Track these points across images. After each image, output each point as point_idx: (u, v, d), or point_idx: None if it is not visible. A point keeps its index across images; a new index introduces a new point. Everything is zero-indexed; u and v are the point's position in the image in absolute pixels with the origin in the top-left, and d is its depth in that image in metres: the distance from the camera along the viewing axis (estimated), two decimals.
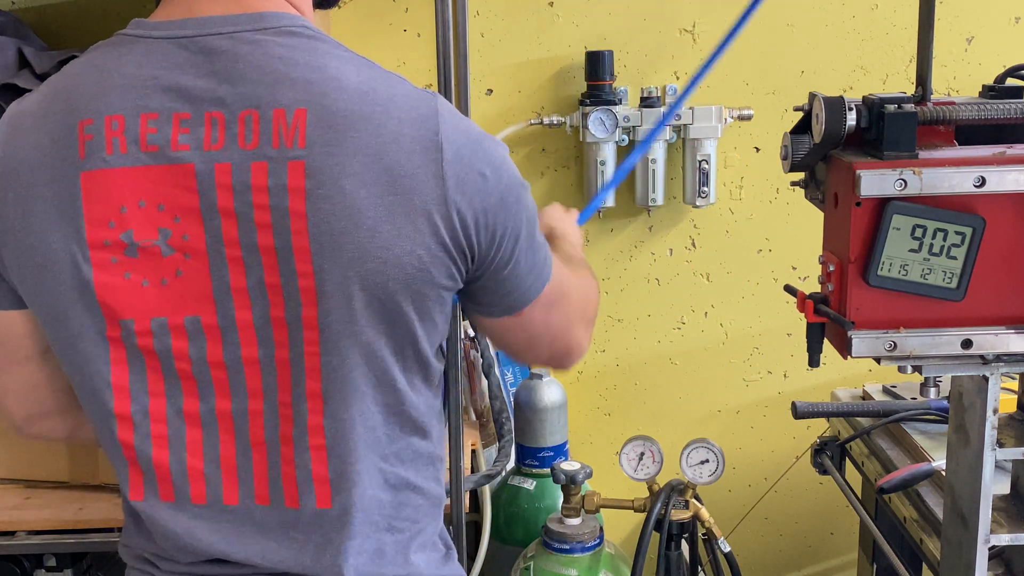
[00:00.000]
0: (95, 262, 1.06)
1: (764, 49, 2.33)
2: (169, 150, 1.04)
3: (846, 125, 1.21)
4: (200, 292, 1.07)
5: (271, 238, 1.03)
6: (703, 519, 1.99)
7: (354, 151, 1.01)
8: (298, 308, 1.05)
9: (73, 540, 1.85)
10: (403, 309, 1.06)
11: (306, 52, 1.05)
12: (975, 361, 1.25)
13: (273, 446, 1.10)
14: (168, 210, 1.05)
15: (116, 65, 1.07)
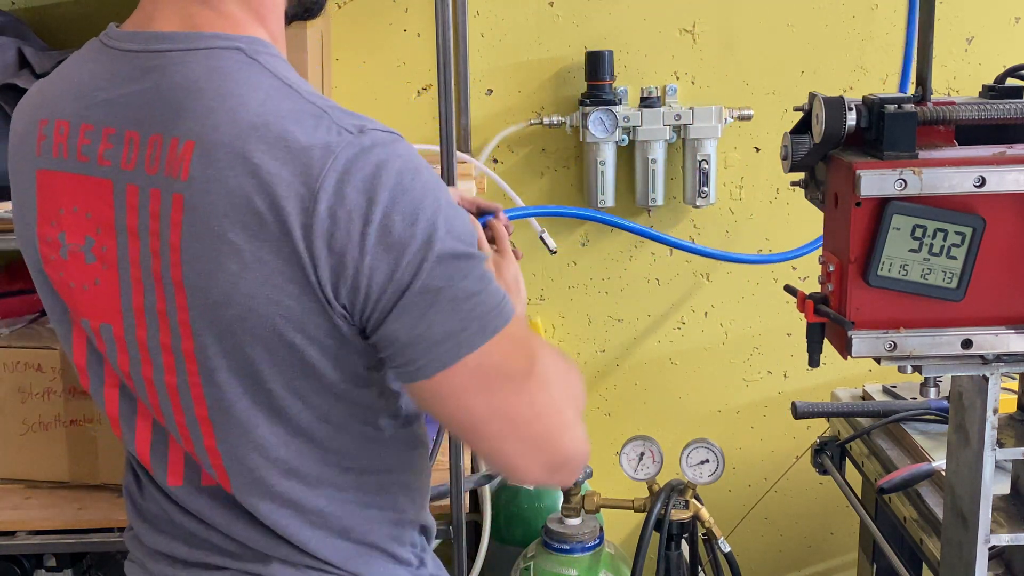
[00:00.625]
0: (43, 256, 1.12)
1: (764, 49, 2.33)
2: (96, 164, 1.05)
3: (846, 125, 1.21)
4: (112, 304, 1.07)
5: (159, 267, 1.02)
6: (703, 519, 1.99)
7: (228, 191, 0.96)
8: (179, 339, 1.04)
9: (73, 540, 1.85)
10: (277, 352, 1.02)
11: (221, 78, 1.00)
12: (975, 361, 1.25)
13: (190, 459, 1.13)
14: (93, 219, 1.06)
15: (77, 71, 1.09)
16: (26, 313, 2.14)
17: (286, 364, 1.03)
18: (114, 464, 1.89)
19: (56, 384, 1.86)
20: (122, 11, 2.22)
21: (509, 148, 2.36)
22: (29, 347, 1.89)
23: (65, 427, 1.88)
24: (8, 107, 1.79)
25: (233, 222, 0.97)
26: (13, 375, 1.87)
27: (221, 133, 0.97)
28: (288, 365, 1.03)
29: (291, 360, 1.02)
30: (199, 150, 0.98)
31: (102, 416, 1.78)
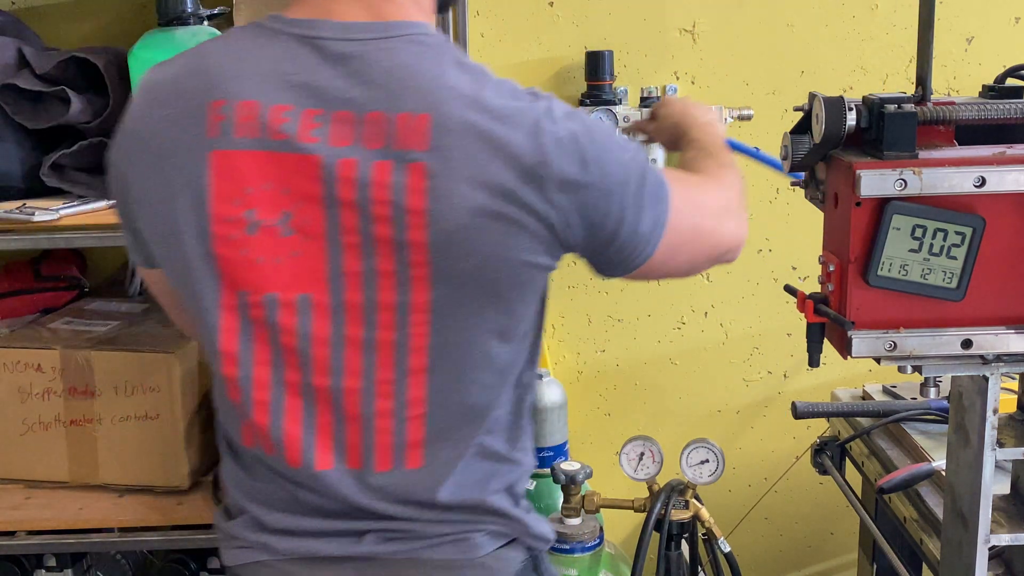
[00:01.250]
0: (218, 235, 1.14)
1: (764, 49, 2.33)
2: (297, 141, 1.11)
3: (846, 125, 1.21)
4: (314, 273, 1.14)
5: (388, 230, 1.11)
6: (703, 519, 1.99)
7: (467, 156, 1.09)
8: (407, 294, 1.13)
9: (73, 540, 1.84)
10: (502, 298, 1.15)
11: (430, 61, 1.13)
12: (975, 361, 1.25)
13: (368, 420, 1.18)
14: (291, 195, 1.12)
15: (254, 55, 1.15)
16: (26, 313, 2.14)
17: (504, 310, 1.17)
18: (114, 464, 1.89)
19: (56, 384, 1.86)
20: (122, 11, 2.22)
21: None
22: (29, 347, 1.88)
23: (65, 427, 1.88)
24: (8, 107, 1.78)
25: (475, 184, 1.09)
26: (13, 375, 1.87)
27: (450, 107, 1.10)
28: (505, 311, 1.17)
29: (508, 305, 1.17)
30: (435, 122, 1.09)
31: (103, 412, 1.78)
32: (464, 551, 1.25)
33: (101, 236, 1.75)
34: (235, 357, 1.18)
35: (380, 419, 1.18)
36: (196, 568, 2.02)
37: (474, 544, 1.25)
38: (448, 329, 1.15)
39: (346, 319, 1.15)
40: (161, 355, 1.84)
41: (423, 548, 1.24)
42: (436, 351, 1.16)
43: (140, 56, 1.72)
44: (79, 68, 1.80)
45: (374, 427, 1.19)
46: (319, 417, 1.19)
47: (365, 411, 1.18)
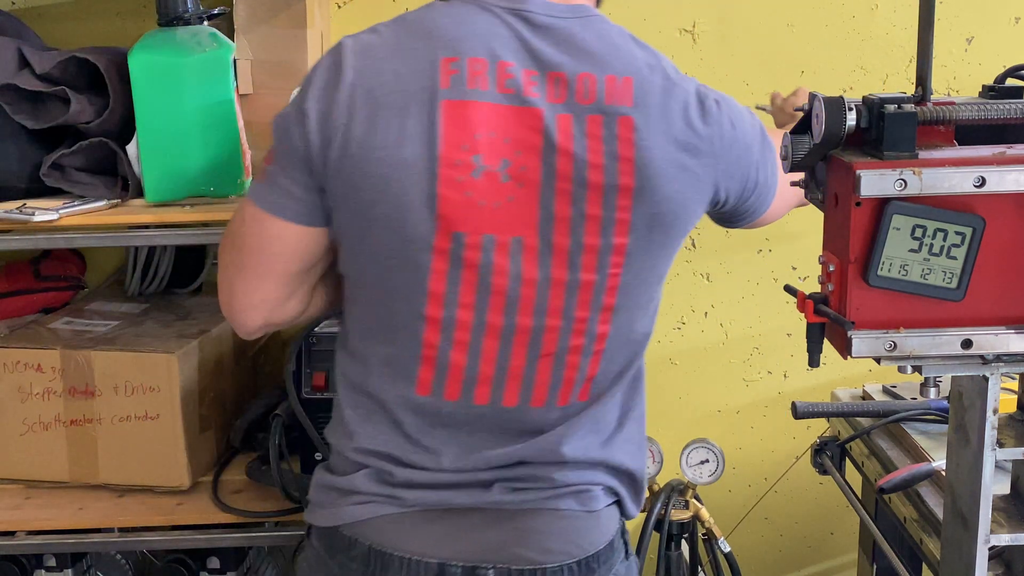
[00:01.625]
0: (443, 178, 1.25)
1: (764, 49, 2.33)
2: (522, 94, 1.26)
3: (846, 125, 1.21)
4: (526, 217, 1.27)
5: (600, 177, 1.26)
6: (703, 519, 1.99)
7: (661, 114, 1.28)
8: (611, 237, 1.28)
9: (73, 540, 1.85)
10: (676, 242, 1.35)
11: (616, 35, 1.32)
12: (975, 361, 1.25)
13: (560, 356, 1.31)
14: (512, 143, 1.26)
15: (471, 21, 1.29)
16: (26, 313, 2.15)
17: (669, 254, 1.36)
18: (114, 464, 1.89)
19: (56, 384, 1.86)
20: (121, 10, 2.22)
21: None
22: (29, 347, 1.89)
23: (65, 427, 1.88)
24: (8, 107, 1.78)
25: (669, 137, 1.28)
26: (13, 375, 1.87)
27: (644, 72, 1.29)
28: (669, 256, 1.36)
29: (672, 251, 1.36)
30: (637, 83, 1.28)
31: (103, 412, 1.79)
32: (584, 503, 1.36)
33: (101, 236, 1.75)
34: (441, 298, 1.28)
35: (571, 355, 1.32)
36: (196, 568, 2.02)
37: (593, 497, 1.36)
38: (634, 270, 1.31)
39: (552, 261, 1.28)
40: (161, 355, 1.84)
41: (547, 499, 1.34)
42: (623, 291, 1.32)
43: (140, 56, 1.73)
44: (79, 68, 1.80)
45: (564, 363, 1.32)
46: (513, 358, 1.30)
47: (560, 348, 1.31)
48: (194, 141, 1.74)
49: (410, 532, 1.32)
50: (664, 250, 1.34)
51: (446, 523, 1.33)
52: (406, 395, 1.32)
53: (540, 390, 1.32)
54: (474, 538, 1.33)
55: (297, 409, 1.78)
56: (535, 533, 1.34)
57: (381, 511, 1.32)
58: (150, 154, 1.75)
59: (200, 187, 1.77)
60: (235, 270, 1.37)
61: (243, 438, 2.00)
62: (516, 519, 1.34)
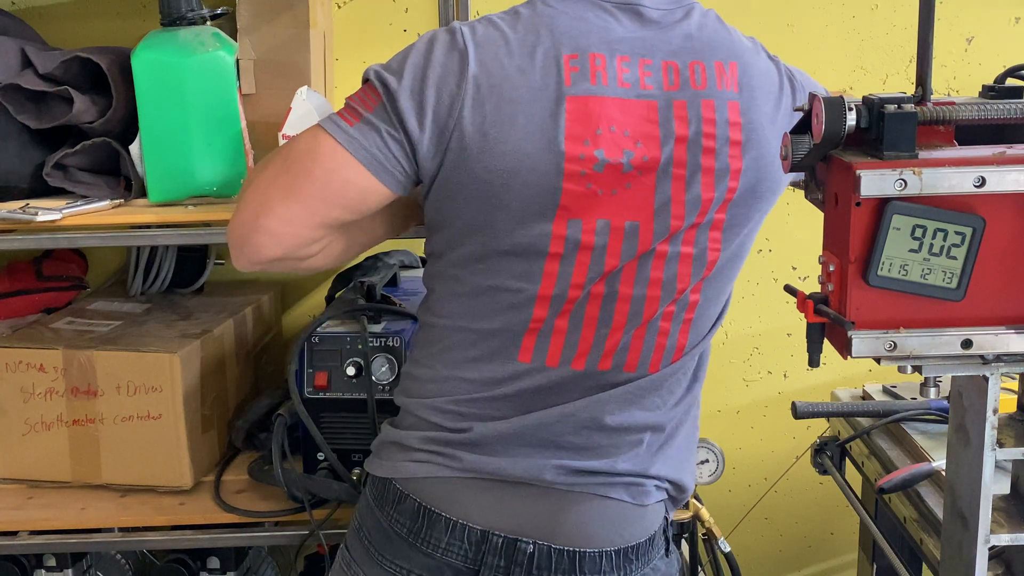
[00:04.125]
0: (567, 172, 1.30)
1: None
2: (639, 87, 1.32)
3: (846, 125, 1.21)
4: (644, 203, 1.33)
5: (712, 160, 1.33)
6: (703, 519, 1.99)
7: (762, 96, 1.36)
8: (712, 215, 1.35)
9: (74, 540, 1.85)
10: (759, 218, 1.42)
11: (717, 24, 1.39)
12: (975, 361, 1.25)
13: (653, 324, 1.38)
14: (632, 136, 1.32)
15: (586, 17, 1.34)
16: (28, 313, 2.15)
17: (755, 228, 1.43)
18: (116, 464, 1.89)
19: (58, 384, 1.87)
20: (123, 10, 2.23)
21: None
22: (31, 347, 1.89)
23: (67, 427, 1.88)
24: (11, 107, 1.79)
25: (770, 120, 1.36)
26: (15, 375, 1.87)
27: (744, 58, 1.37)
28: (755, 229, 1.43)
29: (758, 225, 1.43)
30: (741, 69, 1.36)
31: (105, 411, 1.80)
32: (635, 496, 1.40)
33: (103, 236, 1.76)
34: (554, 278, 1.34)
35: (664, 321, 1.38)
36: (196, 568, 2.02)
37: (645, 492, 1.40)
38: (730, 244, 1.39)
39: (659, 241, 1.35)
40: (163, 355, 1.84)
41: (599, 485, 1.38)
42: (719, 263, 1.39)
43: (143, 56, 1.73)
44: (82, 68, 1.80)
45: (658, 329, 1.38)
46: (613, 324, 1.36)
47: (656, 315, 1.37)
48: (197, 141, 1.74)
49: (460, 496, 1.36)
50: (755, 224, 1.42)
51: (496, 492, 1.36)
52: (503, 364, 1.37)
53: (632, 356, 1.38)
54: (520, 511, 1.36)
55: (299, 409, 1.78)
56: (581, 516, 1.37)
57: (435, 471, 1.36)
58: (153, 154, 1.75)
59: (203, 187, 1.77)
60: (280, 193, 1.31)
61: (245, 438, 2.00)
62: (565, 500, 1.37)
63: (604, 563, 1.37)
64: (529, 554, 1.35)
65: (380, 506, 1.40)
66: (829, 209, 1.29)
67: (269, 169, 1.34)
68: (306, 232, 1.33)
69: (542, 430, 1.38)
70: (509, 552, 1.35)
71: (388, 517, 1.38)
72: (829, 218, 1.29)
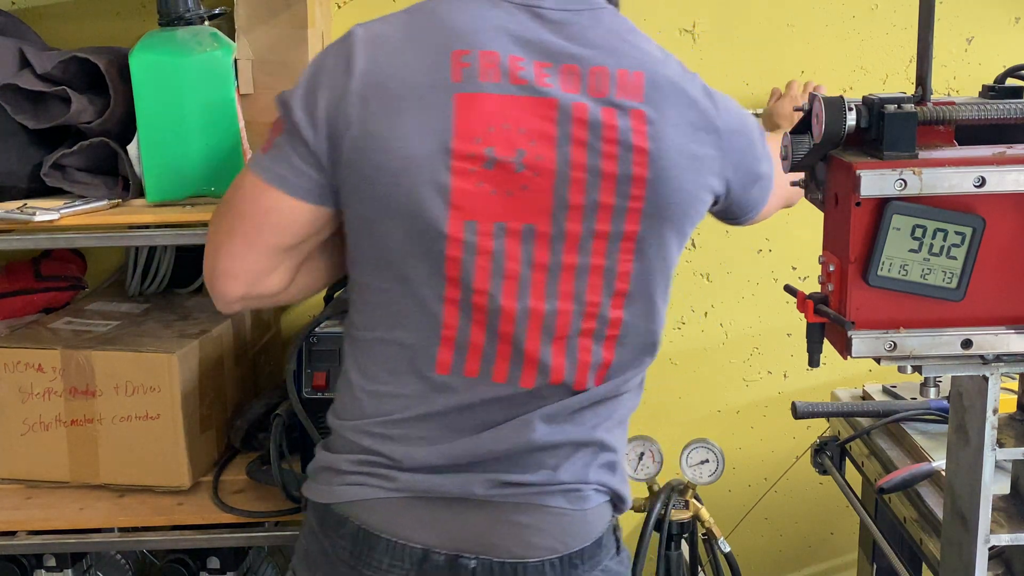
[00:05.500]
0: (456, 170, 1.27)
1: (764, 49, 2.33)
2: (536, 85, 1.28)
3: (846, 125, 1.21)
4: (541, 205, 1.29)
5: (614, 167, 1.29)
6: (703, 519, 1.99)
7: (671, 106, 1.32)
8: (622, 224, 1.31)
9: (73, 540, 1.85)
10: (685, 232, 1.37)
11: (627, 30, 1.35)
12: (975, 361, 1.25)
13: (572, 339, 1.33)
14: (527, 134, 1.28)
15: (483, 15, 1.30)
16: (27, 313, 2.15)
17: (680, 245, 1.37)
18: (115, 464, 1.89)
19: (57, 384, 1.87)
20: (122, 10, 2.22)
21: None
22: (30, 347, 1.89)
23: (66, 427, 1.88)
24: (9, 107, 1.78)
25: (681, 130, 1.32)
26: (14, 375, 1.87)
27: (657, 66, 1.33)
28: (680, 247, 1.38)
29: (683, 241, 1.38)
30: (648, 78, 1.31)
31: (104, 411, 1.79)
32: (573, 502, 1.36)
33: (101, 236, 1.75)
34: (458, 283, 1.30)
35: (583, 338, 1.34)
36: (196, 568, 2.02)
37: (583, 496, 1.37)
38: (647, 258, 1.34)
39: (564, 247, 1.31)
40: (162, 355, 1.84)
41: (534, 494, 1.35)
42: (636, 278, 1.34)
43: (141, 56, 1.73)
44: (80, 68, 1.80)
45: (577, 346, 1.34)
46: (528, 340, 1.32)
47: (572, 331, 1.33)
48: (195, 141, 1.74)
49: (398, 516, 1.34)
50: (675, 240, 1.37)
51: (433, 510, 1.34)
52: (422, 376, 1.33)
53: (556, 373, 1.34)
54: (459, 527, 1.34)
55: (298, 409, 1.78)
56: (519, 527, 1.34)
57: (371, 493, 1.34)
58: (151, 154, 1.75)
59: (201, 187, 1.77)
60: (224, 236, 1.36)
61: (243, 438, 2.00)
62: (502, 512, 1.34)
63: (548, 571, 1.35)
64: (471, 569, 1.33)
65: (323, 532, 1.37)
66: (829, 209, 1.28)
67: (215, 215, 1.40)
68: (256, 265, 1.35)
69: (472, 453, 1.34)
70: (452, 569, 1.33)
71: (332, 543, 1.36)
72: (829, 218, 1.29)
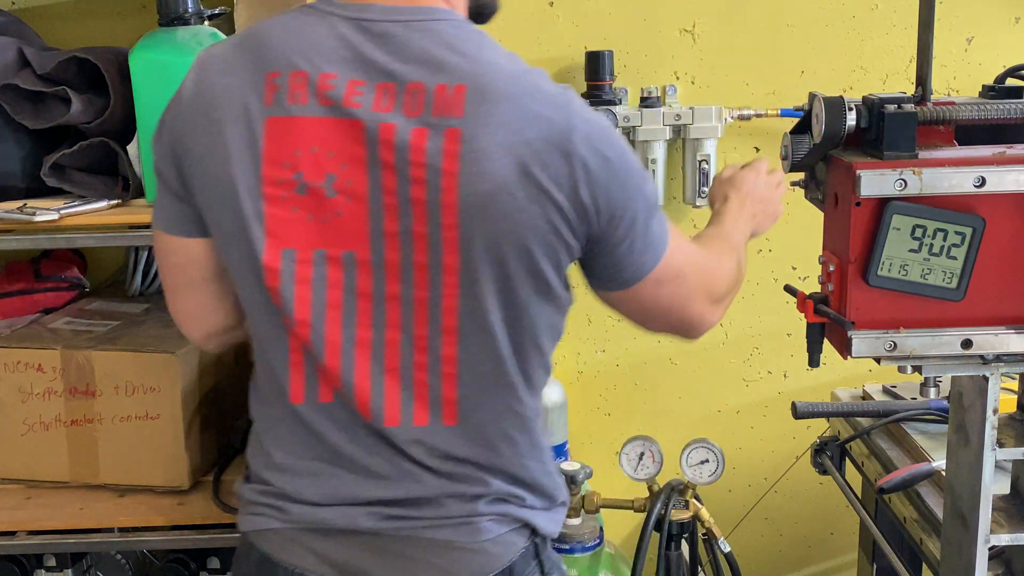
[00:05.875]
0: (267, 197, 1.22)
1: (764, 49, 2.33)
2: (343, 105, 1.20)
3: (846, 125, 1.21)
4: (357, 231, 1.22)
5: (423, 192, 1.18)
6: (703, 519, 1.99)
7: (500, 123, 1.17)
8: (439, 255, 1.20)
9: (73, 540, 1.84)
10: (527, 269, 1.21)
11: (467, 40, 1.22)
12: (975, 361, 1.25)
13: (406, 371, 1.25)
14: (337, 157, 1.21)
15: (305, 31, 1.24)
16: (27, 313, 2.14)
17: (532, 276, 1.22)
18: (115, 464, 1.89)
19: (57, 384, 1.86)
20: (121, 10, 2.22)
21: None
22: (30, 347, 1.88)
23: (66, 427, 1.88)
24: (8, 107, 1.78)
25: (506, 150, 1.16)
26: (13, 375, 1.87)
27: (487, 79, 1.18)
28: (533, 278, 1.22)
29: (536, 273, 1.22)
30: (471, 93, 1.17)
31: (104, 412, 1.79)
32: (464, 535, 1.29)
33: (101, 236, 1.75)
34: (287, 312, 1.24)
35: (417, 372, 1.25)
36: (196, 568, 2.02)
37: (477, 529, 1.29)
38: (476, 295, 1.21)
39: (386, 276, 1.23)
40: (162, 355, 1.84)
41: (423, 528, 1.28)
42: (466, 315, 1.22)
43: (141, 56, 1.72)
44: (80, 68, 1.80)
45: (412, 380, 1.25)
46: (357, 374, 1.25)
47: (404, 363, 1.25)
48: None
49: (293, 546, 1.31)
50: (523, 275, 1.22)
51: (328, 541, 1.30)
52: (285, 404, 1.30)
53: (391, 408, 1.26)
54: (350, 559, 1.30)
55: None
56: (408, 561, 1.29)
57: (269, 524, 1.32)
58: (151, 154, 1.74)
59: None
60: (164, 288, 1.40)
61: (243, 438, 2.00)
62: (390, 544, 1.29)
63: None
64: None
65: (238, 559, 1.37)
66: (829, 209, 1.28)
67: None
68: (194, 306, 1.38)
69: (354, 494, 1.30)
70: None
71: (245, 569, 1.36)
72: (829, 218, 1.29)
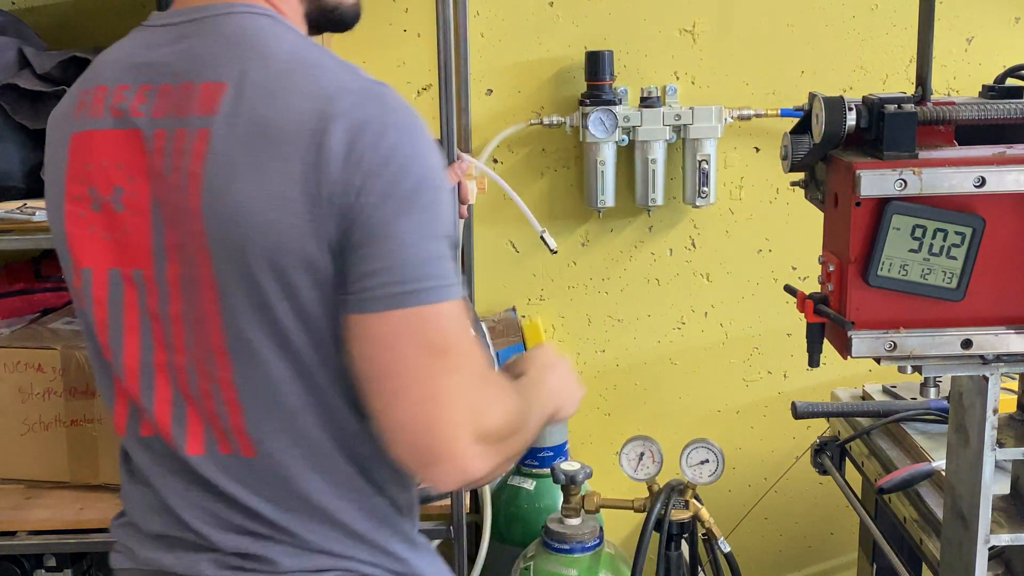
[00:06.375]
0: (68, 214, 1.17)
1: (764, 49, 2.33)
2: (129, 115, 1.14)
3: (846, 125, 1.21)
4: (143, 247, 1.14)
5: (178, 199, 1.10)
6: (703, 519, 1.99)
7: (251, 120, 1.07)
8: (195, 268, 1.11)
9: (73, 540, 1.85)
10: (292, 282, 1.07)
11: (253, 33, 1.12)
12: (975, 361, 1.25)
13: (198, 398, 1.15)
14: (124, 170, 1.14)
15: (123, 46, 1.21)
16: (27, 313, 2.15)
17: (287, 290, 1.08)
18: (114, 464, 1.88)
19: (56, 384, 1.87)
20: (121, 10, 2.22)
21: (509, 148, 2.36)
22: (30, 347, 1.89)
23: (66, 427, 1.88)
24: (8, 107, 1.79)
25: (251, 147, 1.06)
26: (14, 375, 1.87)
27: (253, 75, 1.08)
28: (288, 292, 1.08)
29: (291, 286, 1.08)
30: (232, 90, 1.08)
31: (103, 412, 1.78)
32: None
33: None
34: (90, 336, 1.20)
35: (205, 399, 1.14)
36: None
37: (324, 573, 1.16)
38: (236, 310, 1.09)
39: (170, 294, 1.13)
40: None
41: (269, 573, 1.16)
42: (232, 335, 1.10)
43: None
44: (79, 68, 1.79)
45: (203, 407, 1.15)
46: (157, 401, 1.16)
47: (192, 390, 1.14)
48: None
49: None
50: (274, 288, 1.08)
51: None
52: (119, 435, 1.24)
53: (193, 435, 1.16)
54: None
55: None
56: None
57: (124, 563, 1.27)
58: None
59: None
60: None
61: None
62: None
63: None
64: None
65: None
66: (829, 209, 1.28)
67: None
68: None
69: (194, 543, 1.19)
70: None
71: None
72: (829, 218, 1.29)
